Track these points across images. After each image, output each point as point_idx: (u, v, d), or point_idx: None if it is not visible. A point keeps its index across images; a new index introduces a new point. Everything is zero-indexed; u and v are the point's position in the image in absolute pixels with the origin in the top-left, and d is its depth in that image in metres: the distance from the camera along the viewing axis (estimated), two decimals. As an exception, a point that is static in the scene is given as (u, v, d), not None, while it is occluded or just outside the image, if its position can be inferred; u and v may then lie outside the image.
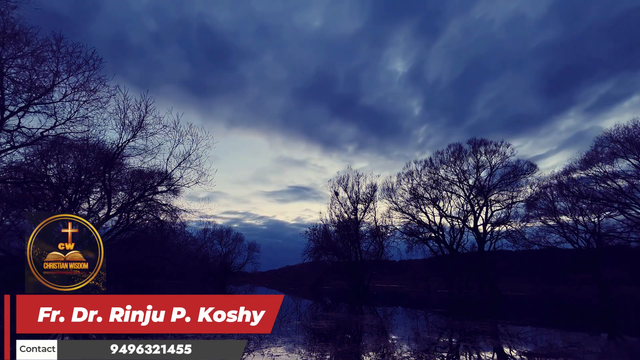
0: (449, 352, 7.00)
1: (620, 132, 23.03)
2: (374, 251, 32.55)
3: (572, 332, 9.78)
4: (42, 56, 11.31)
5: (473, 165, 30.16)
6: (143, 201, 19.12)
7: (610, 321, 12.97)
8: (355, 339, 8.10)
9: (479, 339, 8.29)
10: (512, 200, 28.91)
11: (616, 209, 23.82)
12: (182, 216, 19.99)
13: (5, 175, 13.04)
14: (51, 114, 12.51)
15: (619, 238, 24.65)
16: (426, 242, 32.22)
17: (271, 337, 7.56)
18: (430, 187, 31.41)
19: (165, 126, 16.21)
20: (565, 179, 26.22)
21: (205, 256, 41.62)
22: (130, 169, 18.77)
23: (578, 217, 26.35)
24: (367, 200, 33.12)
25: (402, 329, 9.99)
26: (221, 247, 46.00)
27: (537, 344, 7.68)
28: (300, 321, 10.81)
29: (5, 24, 10.59)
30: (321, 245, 33.10)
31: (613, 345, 8.29)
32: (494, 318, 12.93)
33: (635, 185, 22.60)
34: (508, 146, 29.12)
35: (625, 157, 22.54)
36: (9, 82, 11.34)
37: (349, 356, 6.25)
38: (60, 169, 16.19)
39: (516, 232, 28.41)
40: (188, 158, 17.46)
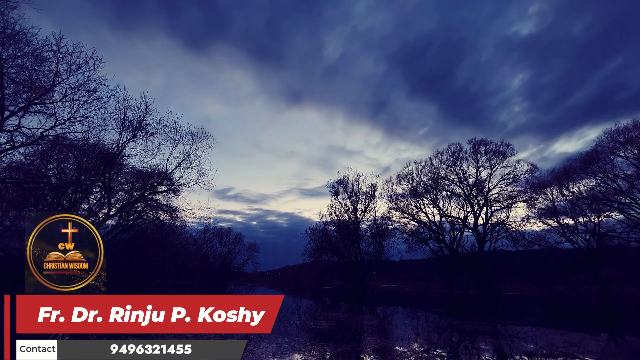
0: (449, 352, 7.00)
1: (620, 131, 23.07)
2: (374, 251, 32.60)
3: (572, 332, 9.77)
4: (42, 56, 11.33)
5: (473, 165, 30.21)
6: (143, 201, 19.13)
7: (610, 321, 12.96)
8: (355, 339, 8.09)
9: (479, 339, 8.28)
10: (512, 200, 28.94)
11: (616, 209, 23.84)
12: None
13: (5, 175, 13.04)
14: (51, 114, 12.53)
15: (619, 238, 24.65)
16: (426, 242, 32.20)
17: (271, 337, 7.56)
18: (430, 187, 31.42)
19: (165, 126, 16.29)
20: (565, 179, 26.24)
21: (205, 256, 41.67)
22: (130, 169, 18.82)
23: (578, 217, 26.39)
24: (367, 200, 33.21)
25: (402, 329, 9.98)
26: (221, 247, 46.12)
27: (537, 344, 7.67)
28: (300, 321, 10.81)
29: (5, 24, 10.62)
30: (321, 245, 33.13)
31: (613, 345, 8.29)
32: (494, 318, 12.92)
33: (635, 185, 22.61)
34: (508, 146, 29.24)
35: (625, 157, 22.55)
36: (9, 82, 11.34)
37: (349, 356, 6.25)
38: (60, 169, 16.19)
39: (516, 232, 28.42)
40: (188, 158, 17.54)
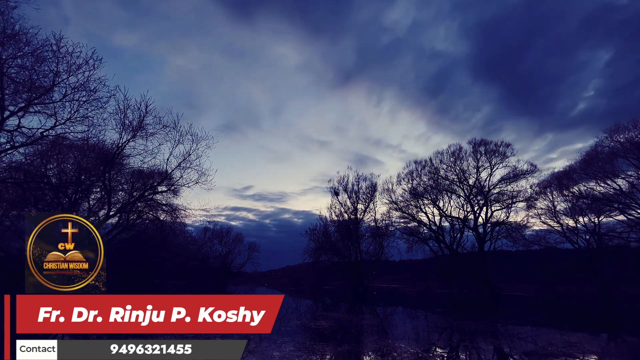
0: (449, 352, 7.00)
1: (620, 131, 23.05)
2: (374, 251, 32.59)
3: (572, 332, 9.77)
4: (42, 56, 11.31)
5: (473, 165, 30.19)
6: (143, 201, 19.12)
7: (610, 321, 12.96)
8: (355, 339, 8.09)
9: (479, 339, 8.28)
10: (512, 200, 28.93)
11: (616, 209, 23.82)
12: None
13: (5, 175, 13.03)
14: (51, 114, 12.50)
15: (619, 238, 24.64)
16: (426, 242, 32.19)
17: (271, 337, 7.56)
18: (430, 187, 31.41)
19: (166, 126, 16.22)
20: (565, 179, 26.24)
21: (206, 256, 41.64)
22: (130, 169, 18.79)
23: (578, 217, 26.39)
24: (367, 200, 33.21)
25: (402, 329, 9.99)
26: (221, 247, 46.06)
27: (537, 344, 7.67)
28: (300, 321, 10.81)
29: (5, 24, 10.60)
30: (321, 245, 33.12)
31: (613, 345, 8.29)
32: (494, 318, 12.92)
33: (635, 185, 22.60)
34: (508, 146, 29.22)
35: (625, 157, 22.53)
36: (9, 82, 11.32)
37: (349, 356, 6.25)
38: (60, 169, 16.17)
39: (516, 232, 28.41)
40: (188, 158, 17.49)
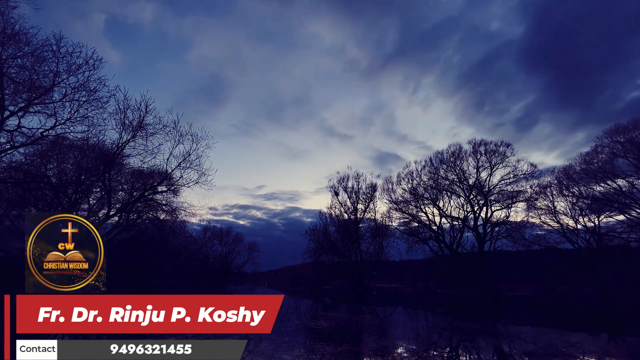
0: (449, 352, 7.00)
1: (620, 131, 23.03)
2: (374, 251, 32.58)
3: (572, 332, 9.77)
4: (42, 56, 11.31)
5: (473, 165, 30.19)
6: (143, 201, 19.12)
7: (610, 321, 12.96)
8: (355, 339, 8.09)
9: (479, 339, 8.29)
10: (512, 200, 28.92)
11: (616, 209, 23.80)
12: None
13: (5, 175, 13.03)
14: (51, 114, 12.51)
15: (619, 238, 24.61)
16: (426, 242, 32.18)
17: (271, 337, 7.56)
18: (430, 187, 31.41)
19: (165, 126, 16.23)
20: (565, 179, 26.23)
21: (205, 256, 41.66)
22: (130, 169, 18.80)
23: (578, 217, 26.37)
24: (367, 200, 33.20)
25: (402, 329, 9.99)
26: (221, 247, 46.04)
27: (537, 344, 7.67)
28: (300, 321, 10.81)
29: (5, 24, 10.61)
30: (321, 245, 33.11)
31: (613, 345, 8.29)
32: (494, 318, 12.92)
33: (635, 185, 22.59)
34: (508, 146, 29.20)
35: (625, 157, 22.52)
36: (9, 82, 11.33)
37: (349, 356, 6.25)
38: (60, 169, 16.18)
39: (516, 232, 28.39)
40: (188, 158, 17.49)
